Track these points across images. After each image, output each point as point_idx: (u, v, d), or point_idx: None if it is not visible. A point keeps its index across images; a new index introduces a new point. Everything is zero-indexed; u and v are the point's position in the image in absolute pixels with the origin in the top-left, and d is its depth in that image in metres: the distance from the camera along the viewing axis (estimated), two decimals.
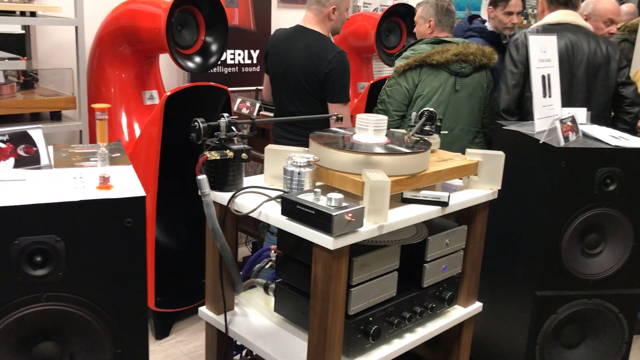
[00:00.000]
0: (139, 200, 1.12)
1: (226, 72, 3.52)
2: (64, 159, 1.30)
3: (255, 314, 1.63)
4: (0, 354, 1.10)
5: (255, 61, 3.62)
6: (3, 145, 1.20)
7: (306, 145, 1.57)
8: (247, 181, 1.54)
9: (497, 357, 2.18)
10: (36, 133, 1.24)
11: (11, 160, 1.21)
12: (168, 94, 2.46)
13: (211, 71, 3.20)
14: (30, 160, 1.23)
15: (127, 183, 1.18)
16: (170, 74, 3.36)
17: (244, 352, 1.97)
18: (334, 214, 1.24)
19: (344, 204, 1.29)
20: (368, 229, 1.33)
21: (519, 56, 2.54)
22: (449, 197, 1.50)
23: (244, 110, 3.28)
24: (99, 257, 1.12)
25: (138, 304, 1.17)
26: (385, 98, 2.60)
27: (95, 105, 1.13)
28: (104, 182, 1.13)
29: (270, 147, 1.53)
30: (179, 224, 3.08)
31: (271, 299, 1.67)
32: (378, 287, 1.47)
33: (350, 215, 1.27)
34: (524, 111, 2.52)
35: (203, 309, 1.63)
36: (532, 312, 1.93)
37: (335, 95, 2.55)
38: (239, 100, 3.36)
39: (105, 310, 1.15)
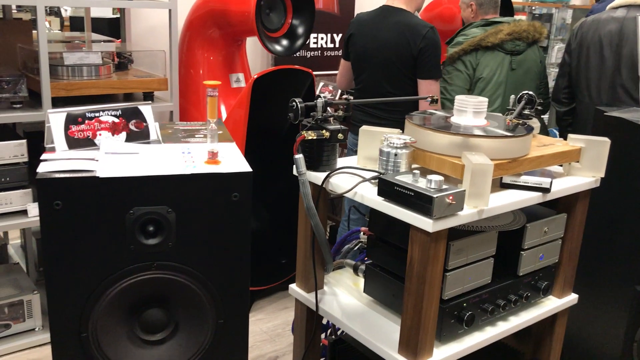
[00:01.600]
0: (246, 176, 1.14)
1: (309, 55, 3.54)
2: (170, 135, 1.35)
3: (344, 294, 1.64)
4: (113, 318, 1.16)
5: (337, 45, 3.62)
6: (116, 120, 1.25)
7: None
8: (338, 162, 1.54)
9: (589, 352, 2.09)
10: (146, 109, 1.28)
11: (123, 135, 1.26)
12: (255, 76, 2.49)
13: (294, 55, 3.22)
14: (140, 135, 1.28)
15: (233, 159, 1.21)
16: (254, 58, 3.41)
17: (328, 332, 1.99)
18: (434, 196, 1.22)
19: (444, 187, 1.27)
20: (468, 213, 1.31)
21: (571, 45, 2.54)
22: (550, 183, 1.45)
23: (326, 94, 3.29)
24: (206, 229, 1.15)
25: (241, 276, 1.20)
26: (446, 86, 2.61)
27: (207, 82, 1.16)
28: (213, 157, 1.16)
29: (365, 129, 1.52)
30: (261, 206, 3.14)
31: (360, 280, 1.67)
32: (473, 273, 1.44)
33: (451, 198, 1.25)
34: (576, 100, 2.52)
35: (293, 287, 1.66)
36: (630, 307, 1.85)
37: (429, 71, 2.53)
38: (321, 84, 3.37)
39: (210, 281, 1.18)
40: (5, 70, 2.57)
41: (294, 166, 1.44)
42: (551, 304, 1.64)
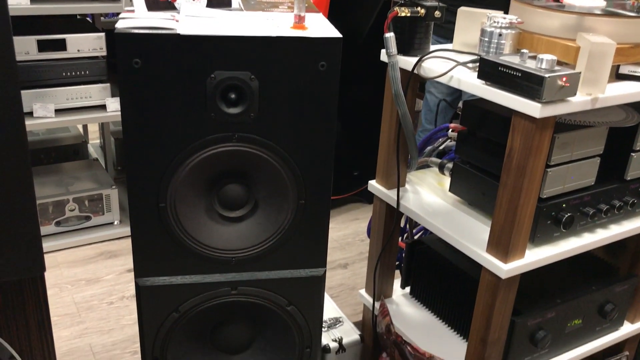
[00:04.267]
0: (336, 42, 1.04)
1: None
2: (252, 5, 1.25)
3: (427, 193, 1.54)
4: (192, 190, 1.11)
5: None
6: None
7: None
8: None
9: None
10: None
11: (204, 1, 1.18)
12: None
13: None
14: (222, 2, 1.19)
15: (321, 26, 1.10)
16: None
17: (404, 236, 1.92)
18: (546, 75, 1.08)
19: (556, 67, 1.12)
20: (580, 100, 1.16)
21: None
22: None
23: None
24: (290, 102, 1.07)
25: (325, 155, 1.12)
26: None
27: None
28: (299, 22, 1.06)
29: (464, 9, 1.37)
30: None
31: (445, 180, 1.57)
32: (577, 172, 1.30)
33: (564, 79, 1.10)
34: None
35: (373, 183, 1.58)
36: None
37: None
38: None
39: (292, 158, 1.11)
40: None
41: (383, 49, 1.32)
42: None
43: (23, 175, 0.74)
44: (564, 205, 1.31)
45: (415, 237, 1.81)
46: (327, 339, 1.69)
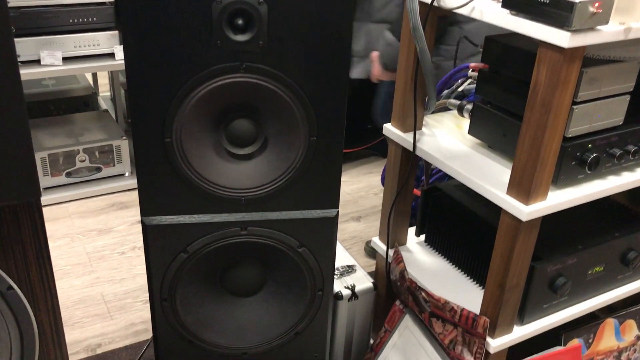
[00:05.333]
0: None
1: None
2: None
3: (445, 136, 1.48)
4: (198, 124, 1.06)
5: None
6: None
7: None
8: None
9: None
10: None
11: None
12: None
13: None
14: None
15: None
16: None
17: (421, 184, 1.87)
18: (577, 0, 1.00)
19: None
20: (612, 30, 1.08)
21: None
22: None
23: None
24: (301, 28, 1.00)
25: (339, 88, 1.06)
26: None
27: None
28: None
29: None
30: None
31: (464, 122, 1.50)
32: (604, 110, 1.23)
33: (597, 5, 1.02)
34: None
35: (388, 126, 1.52)
36: None
37: None
38: None
39: (304, 91, 1.05)
40: None
41: None
42: None
43: (14, 96, 0.69)
44: (589, 145, 1.24)
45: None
46: (340, 286, 1.66)
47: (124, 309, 2.04)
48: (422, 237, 1.69)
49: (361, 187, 2.89)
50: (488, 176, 1.30)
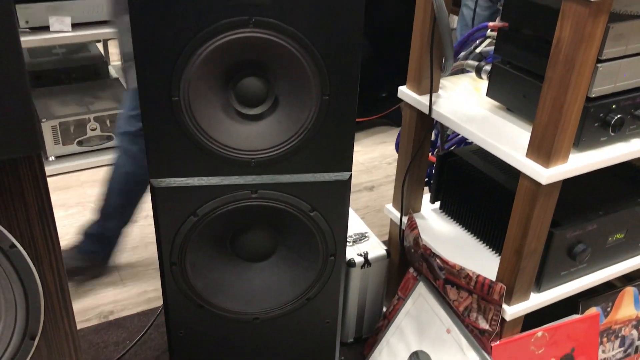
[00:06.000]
0: None
1: None
2: None
3: (462, 98, 1.43)
4: (206, 82, 1.03)
5: None
6: None
7: None
8: None
9: None
10: None
11: None
12: None
13: None
14: None
15: None
16: None
17: (435, 151, 1.83)
18: None
19: None
20: None
21: None
22: None
23: None
24: None
25: (352, 45, 1.02)
26: None
27: None
28: None
29: None
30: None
31: (482, 84, 1.45)
32: (630, 69, 1.18)
33: None
34: None
35: (403, 89, 1.47)
36: None
37: None
38: None
39: (316, 47, 1.01)
40: None
41: None
42: None
43: (11, 47, 0.66)
44: (613, 106, 1.19)
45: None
46: (353, 253, 1.63)
47: (137, 276, 2.03)
48: (437, 204, 1.66)
49: (374, 157, 2.85)
50: (507, 139, 1.26)
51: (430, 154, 1.72)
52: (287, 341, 1.32)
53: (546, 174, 1.15)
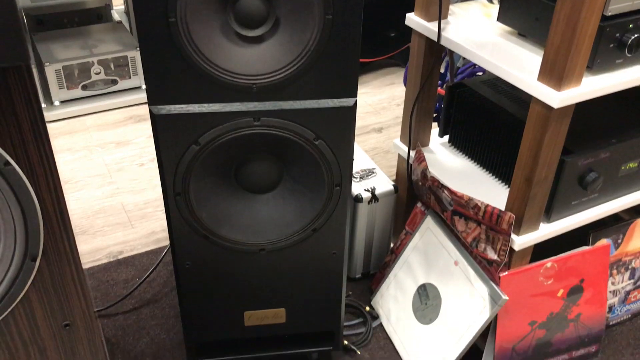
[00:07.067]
0: None
1: None
2: None
3: (472, 24, 1.38)
4: (204, 4, 0.99)
5: None
6: None
7: None
8: None
9: None
10: None
11: None
12: None
13: None
14: None
15: None
16: None
17: (444, 84, 1.78)
18: None
19: None
20: None
21: None
22: None
23: None
24: None
25: None
26: None
27: None
28: None
29: None
30: None
31: (493, 9, 1.40)
32: None
33: None
34: None
35: (411, 15, 1.42)
36: None
37: None
38: None
39: None
40: None
41: None
42: None
43: None
44: (630, 25, 1.14)
45: None
46: (360, 188, 1.61)
47: (145, 218, 2.04)
48: (446, 138, 1.63)
49: (383, 99, 2.80)
50: (518, 64, 1.22)
51: (439, 87, 1.68)
52: (293, 273, 1.32)
53: (558, 98, 1.11)
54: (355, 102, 1.13)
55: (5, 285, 0.80)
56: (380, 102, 2.78)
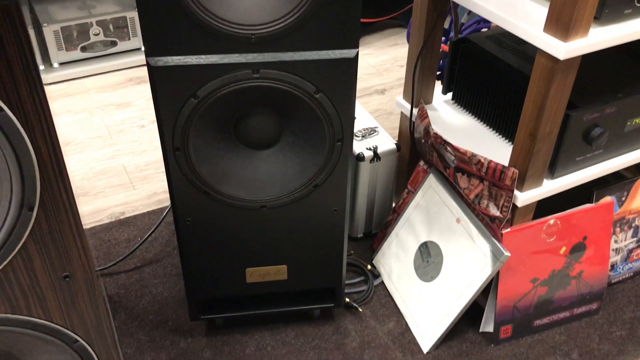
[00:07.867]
0: None
1: None
2: None
3: None
4: None
5: None
6: None
7: None
8: None
9: None
10: None
11: None
12: None
13: None
14: None
15: None
16: None
17: (447, 41, 1.75)
18: None
19: None
20: None
21: None
22: None
23: None
24: None
25: None
26: None
27: None
28: None
29: None
30: None
31: None
32: None
33: None
34: None
35: None
36: None
37: None
38: None
39: None
40: None
41: None
42: None
43: None
44: None
45: None
46: (362, 147, 1.60)
47: (146, 179, 2.03)
48: (449, 95, 1.60)
49: (386, 60, 2.76)
50: (524, 16, 1.19)
51: (443, 43, 1.64)
52: (295, 230, 1.31)
53: (564, 49, 1.08)
54: (357, 53, 1.10)
55: (2, 235, 0.80)
56: (383, 64, 2.74)
